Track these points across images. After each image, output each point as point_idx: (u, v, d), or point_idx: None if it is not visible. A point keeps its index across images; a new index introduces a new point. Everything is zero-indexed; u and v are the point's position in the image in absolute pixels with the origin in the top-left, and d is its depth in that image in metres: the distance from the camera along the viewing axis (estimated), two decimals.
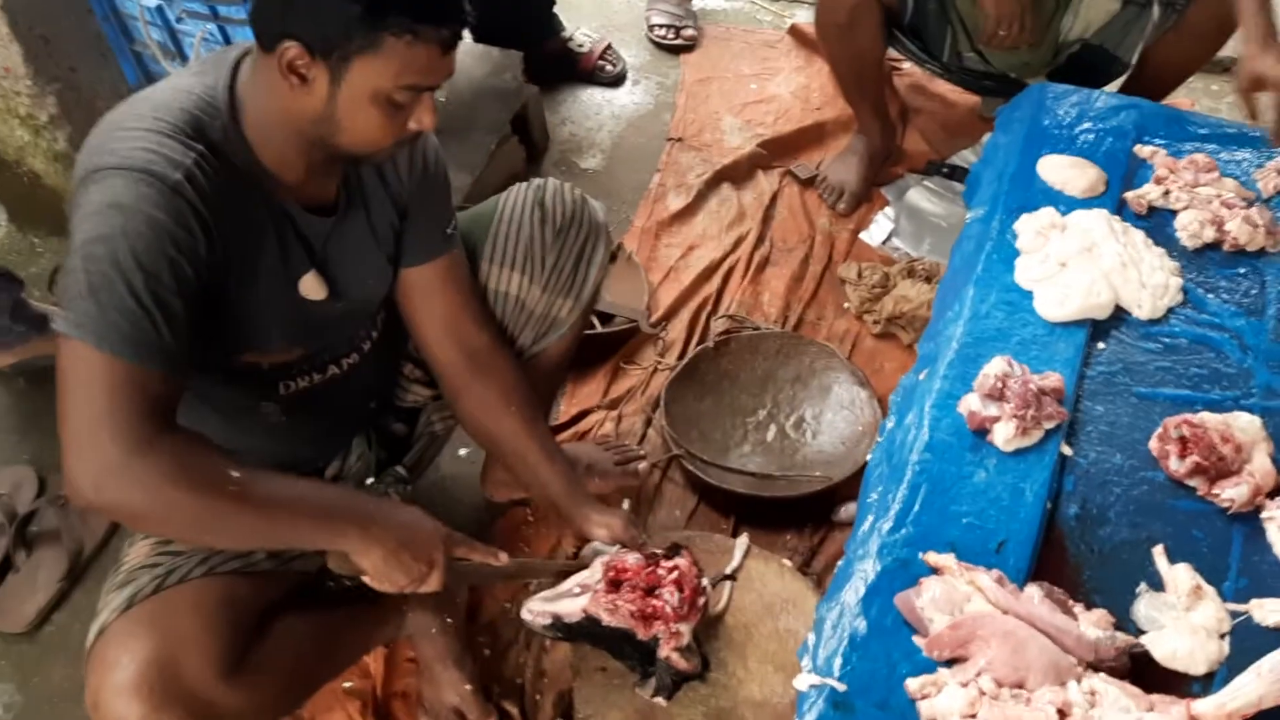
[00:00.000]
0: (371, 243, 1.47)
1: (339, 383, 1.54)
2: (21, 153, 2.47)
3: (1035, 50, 2.36)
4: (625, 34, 3.27)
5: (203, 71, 1.31)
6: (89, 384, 1.15)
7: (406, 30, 1.19)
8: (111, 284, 1.15)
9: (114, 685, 1.25)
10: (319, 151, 1.31)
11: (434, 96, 1.29)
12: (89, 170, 1.21)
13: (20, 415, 2.28)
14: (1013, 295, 1.70)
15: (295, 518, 1.27)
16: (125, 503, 1.16)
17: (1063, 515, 1.43)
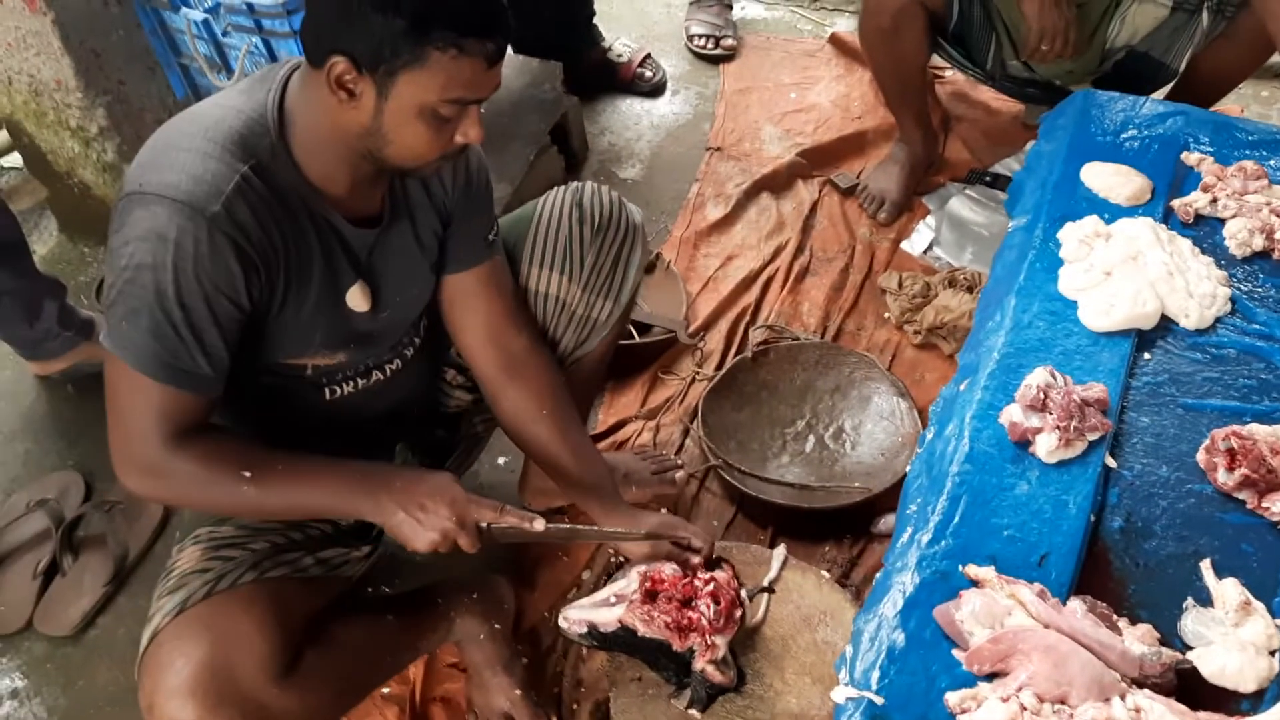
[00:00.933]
0: (416, 252, 1.49)
1: (382, 388, 1.56)
2: (72, 164, 2.52)
3: (1080, 58, 2.33)
4: (664, 44, 3.27)
5: (251, 89, 1.33)
6: (133, 399, 1.28)
7: (451, 44, 1.21)
8: (152, 313, 1.24)
9: (169, 688, 1.28)
10: (366, 164, 1.33)
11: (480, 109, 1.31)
12: (136, 188, 1.24)
13: (67, 421, 2.32)
14: (1056, 305, 1.68)
15: (311, 491, 1.36)
16: (162, 495, 1.43)
17: (1107, 528, 1.40)
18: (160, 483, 1.31)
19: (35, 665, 1.88)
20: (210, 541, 1.44)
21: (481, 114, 1.32)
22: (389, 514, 1.35)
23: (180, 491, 1.33)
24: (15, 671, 1.88)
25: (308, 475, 1.36)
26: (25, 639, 1.92)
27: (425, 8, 1.19)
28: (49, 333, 2.26)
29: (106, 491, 2.13)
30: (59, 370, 2.34)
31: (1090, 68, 2.39)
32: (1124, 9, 2.28)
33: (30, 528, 2.04)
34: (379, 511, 1.36)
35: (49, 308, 2.24)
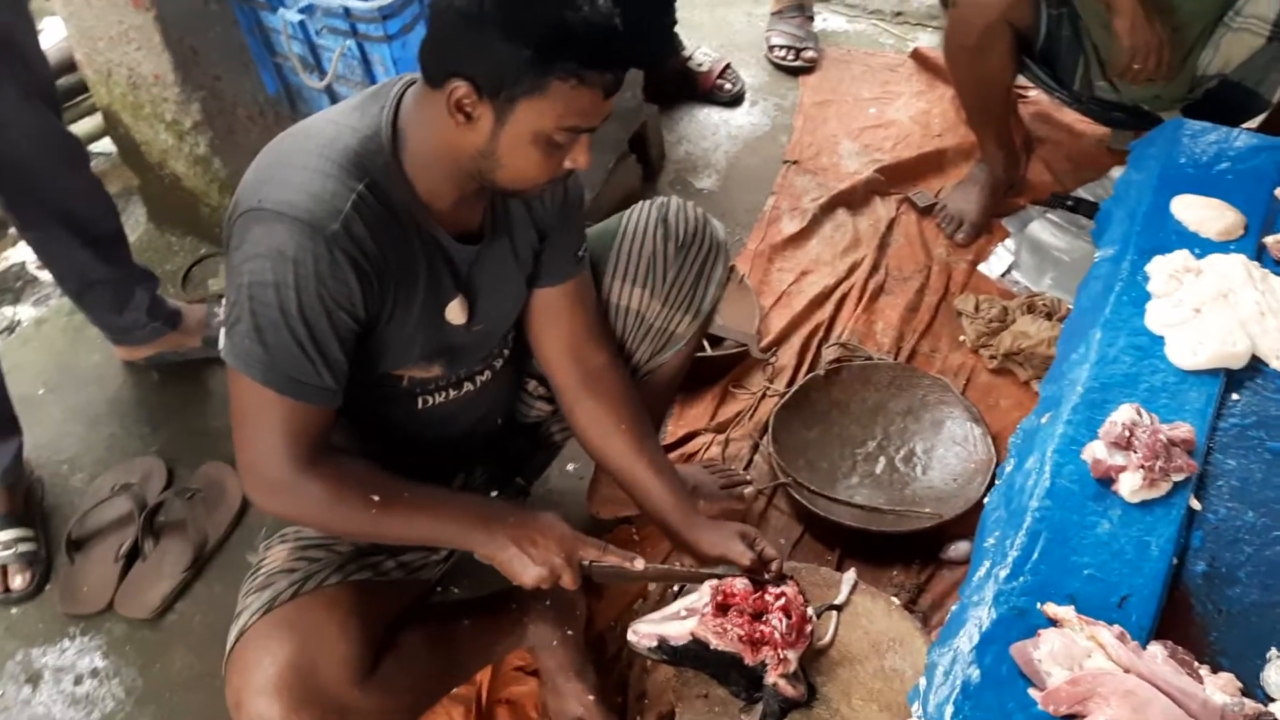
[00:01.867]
0: (513, 267, 1.52)
1: (472, 399, 1.60)
2: (165, 155, 2.58)
3: (1171, 83, 2.29)
4: (744, 54, 3.27)
5: (364, 106, 1.36)
6: (258, 415, 1.32)
7: (573, 75, 1.23)
8: (277, 330, 1.28)
9: (255, 686, 1.32)
10: (473, 183, 1.36)
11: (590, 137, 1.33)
12: (255, 205, 1.28)
13: (152, 408, 2.38)
14: (1143, 340, 1.65)
15: (429, 523, 1.41)
16: (289, 514, 1.40)
17: (1189, 572, 1.38)
18: (288, 500, 1.34)
19: (115, 646, 1.94)
20: (297, 541, 1.48)
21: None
22: (500, 548, 1.40)
23: (308, 511, 1.36)
24: (96, 651, 1.93)
25: (429, 507, 1.40)
26: (106, 620, 1.98)
27: (552, 39, 1.21)
28: (137, 321, 2.33)
29: (187, 478, 2.19)
30: (145, 356, 2.41)
31: (1180, 94, 2.35)
32: (1218, 36, 2.23)
33: (114, 511, 2.10)
34: (492, 545, 1.40)
35: (140, 297, 2.30)
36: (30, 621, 1.99)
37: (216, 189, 2.57)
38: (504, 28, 1.20)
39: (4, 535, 2.04)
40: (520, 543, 1.40)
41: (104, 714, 1.85)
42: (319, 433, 1.35)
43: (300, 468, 1.32)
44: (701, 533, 1.60)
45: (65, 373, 2.45)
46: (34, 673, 1.91)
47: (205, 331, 2.41)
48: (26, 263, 2.86)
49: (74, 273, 2.20)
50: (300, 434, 1.32)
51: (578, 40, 1.22)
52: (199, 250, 2.73)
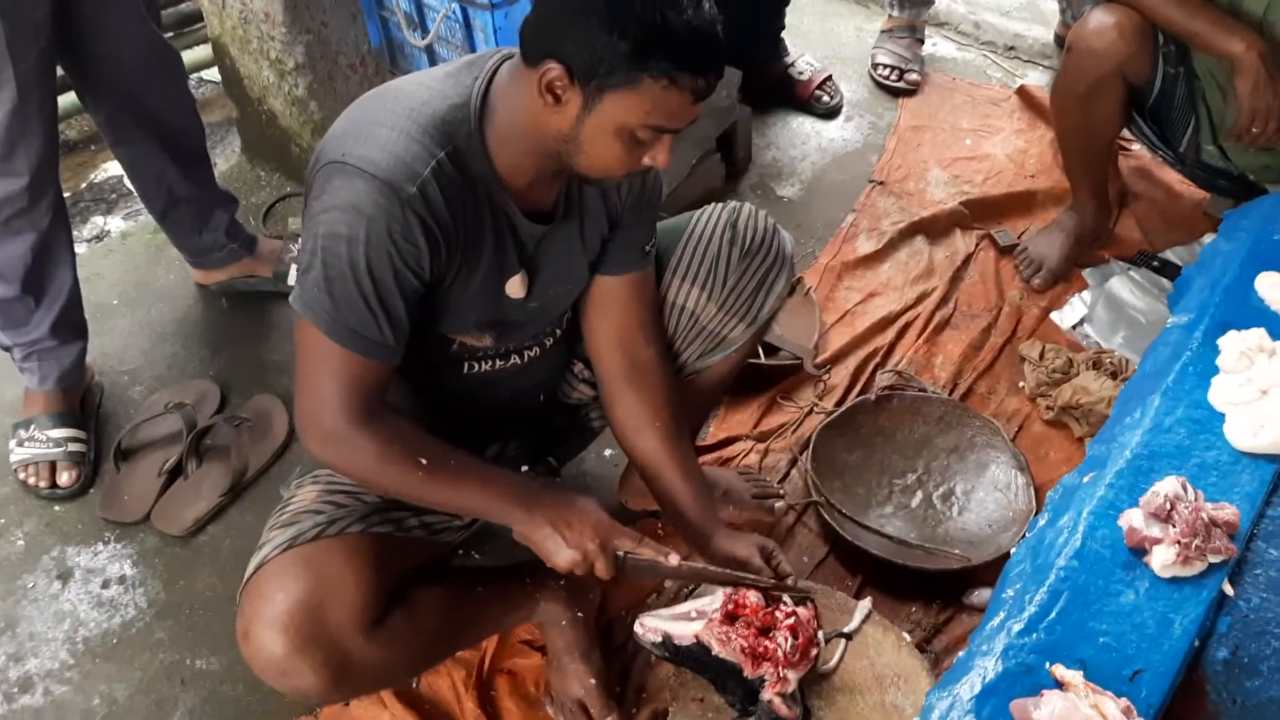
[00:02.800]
0: (579, 250, 1.53)
1: (517, 372, 1.62)
2: (265, 92, 2.64)
3: None
4: (847, 68, 3.24)
5: (459, 74, 1.38)
6: (319, 364, 1.35)
7: (666, 75, 1.24)
8: (345, 283, 1.30)
9: (265, 619, 1.35)
10: (552, 164, 1.37)
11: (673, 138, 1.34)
12: (338, 157, 1.30)
13: (215, 333, 2.44)
14: (1202, 414, 1.61)
15: (472, 493, 1.43)
16: (339, 465, 1.41)
17: (1210, 657, 1.35)
18: (340, 451, 1.36)
19: (145, 557, 2.00)
20: (328, 485, 1.50)
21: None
22: (537, 527, 1.41)
23: (356, 464, 1.38)
24: (127, 559, 2.00)
25: (473, 478, 1.42)
26: (140, 531, 2.04)
27: (652, 36, 1.22)
28: (215, 242, 2.39)
29: (238, 406, 2.24)
30: (218, 281, 2.48)
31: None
32: None
33: (164, 428, 2.16)
34: (530, 524, 1.41)
35: (219, 218, 2.37)
36: (70, 521, 2.06)
37: (309, 131, 2.62)
38: (607, 18, 1.21)
39: (57, 433, 2.11)
40: (558, 525, 1.40)
41: (124, 620, 1.91)
42: (375, 388, 1.37)
43: (354, 421, 1.34)
44: (720, 540, 1.59)
45: (140, 288, 2.53)
46: (66, 570, 1.98)
47: (277, 265, 2.47)
48: (123, 177, 2.95)
49: (161, 189, 2.27)
50: (357, 387, 1.34)
51: (676, 42, 1.23)
52: (284, 188, 2.79)
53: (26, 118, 1.84)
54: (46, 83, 1.90)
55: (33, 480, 2.08)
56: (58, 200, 2.02)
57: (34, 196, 1.93)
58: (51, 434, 2.11)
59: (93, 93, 2.13)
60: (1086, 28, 2.22)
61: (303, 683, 1.37)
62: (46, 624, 1.90)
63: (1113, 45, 2.18)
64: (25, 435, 2.11)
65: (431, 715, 1.74)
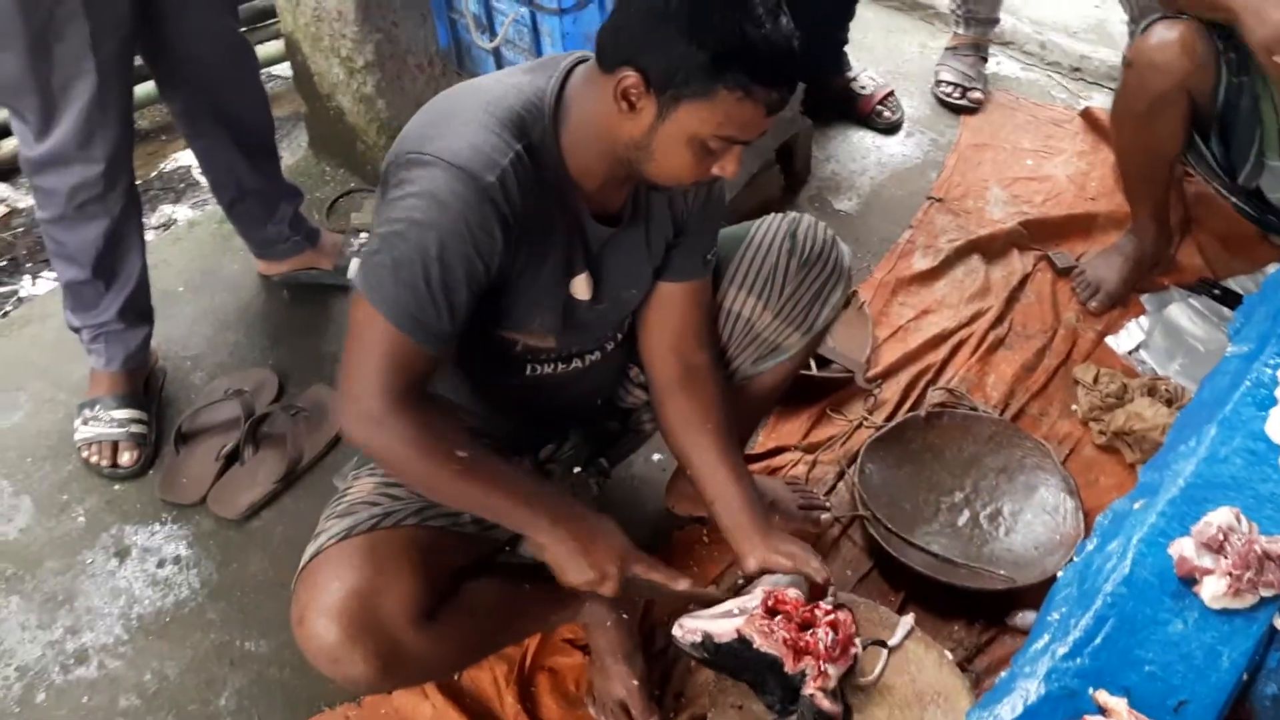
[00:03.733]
0: (644, 254, 1.55)
1: (578, 375, 1.63)
2: (334, 89, 2.70)
3: None
4: (910, 83, 3.23)
5: (534, 71, 1.41)
6: (372, 344, 1.33)
7: (741, 87, 1.25)
8: (413, 267, 1.30)
9: (320, 606, 1.38)
10: (622, 169, 1.39)
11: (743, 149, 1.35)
12: (416, 149, 1.32)
13: (276, 323, 2.50)
14: (1260, 446, 1.58)
15: (500, 498, 1.42)
16: (373, 447, 1.38)
17: (1258, 693, 1.33)
18: (373, 432, 1.34)
19: (200, 539, 2.05)
20: (384, 477, 1.53)
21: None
22: (557, 541, 1.42)
23: (390, 449, 1.36)
24: (182, 540, 2.05)
25: (503, 481, 1.42)
26: (196, 513, 2.09)
27: (730, 47, 1.23)
28: (280, 234, 2.44)
29: (295, 396, 2.29)
30: (281, 273, 2.53)
31: None
32: None
33: (223, 413, 2.21)
34: (551, 537, 1.42)
35: (284, 210, 2.42)
36: (129, 500, 2.12)
37: (376, 128, 2.67)
38: (686, 28, 1.23)
39: (121, 414, 2.17)
40: (580, 543, 1.42)
41: (178, 600, 1.95)
42: (420, 377, 1.36)
43: (393, 404, 1.32)
44: (773, 540, 1.60)
45: (206, 276, 2.59)
46: (123, 548, 2.03)
47: (339, 259, 2.52)
48: (191, 167, 3.03)
49: (231, 181, 2.32)
50: (403, 372, 1.33)
51: (754, 55, 1.24)
52: (349, 183, 2.84)
53: (105, 107, 1.90)
54: (125, 73, 1.96)
55: (95, 459, 2.14)
56: (130, 188, 2.08)
57: (109, 183, 1.99)
58: (115, 414, 2.16)
59: (170, 84, 2.19)
60: (1149, 42, 2.18)
61: (353, 671, 1.39)
62: (103, 599, 1.95)
63: (1176, 59, 2.15)
64: (90, 415, 2.17)
65: (472, 708, 1.77)
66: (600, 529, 1.45)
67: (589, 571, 1.42)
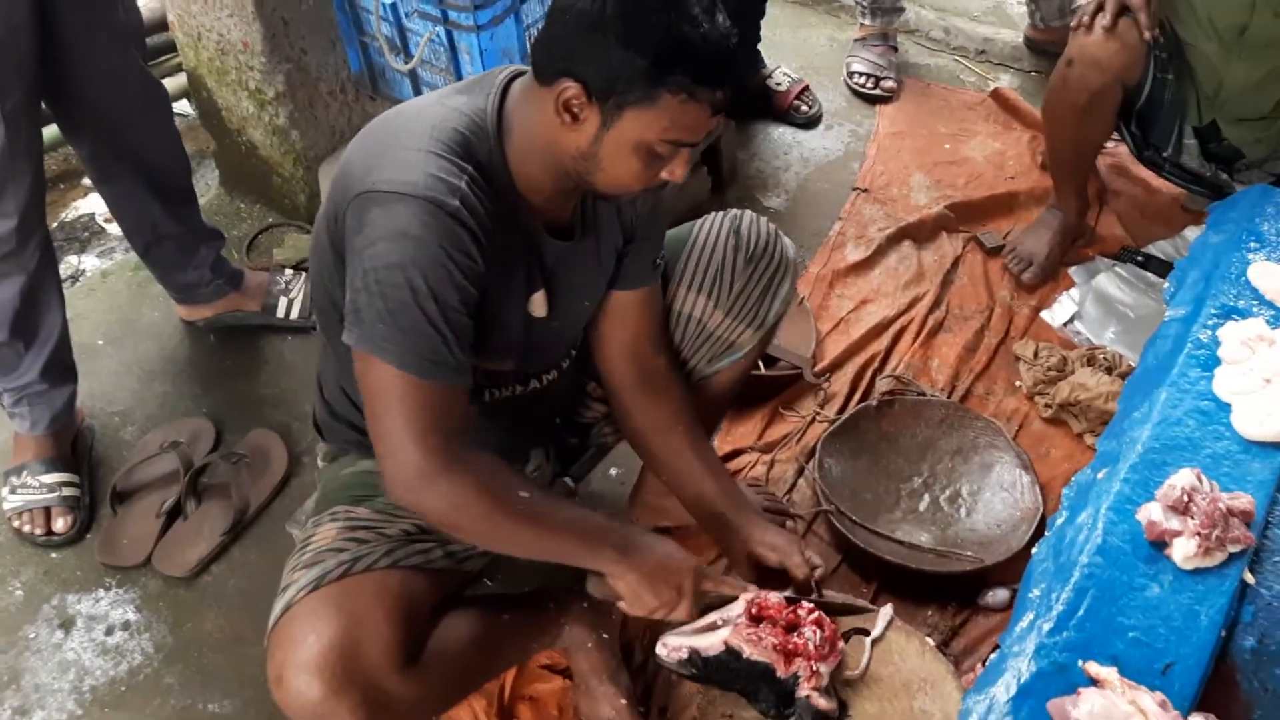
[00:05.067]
0: (596, 267, 1.53)
1: (536, 396, 1.61)
2: (244, 123, 2.62)
3: (1271, 125, 2.24)
4: (823, 77, 3.26)
5: (470, 91, 1.37)
6: (397, 401, 1.28)
7: (684, 89, 1.23)
8: (410, 311, 1.25)
9: (298, 662, 1.32)
10: (569, 181, 1.37)
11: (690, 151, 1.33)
12: (369, 189, 1.28)
13: (205, 369, 2.41)
14: (1209, 405, 1.62)
15: (565, 537, 1.40)
16: (433, 510, 1.33)
17: (1237, 647, 1.35)
18: (433, 495, 1.29)
19: (148, 601, 1.96)
20: (347, 521, 1.48)
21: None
22: (629, 571, 1.40)
23: (454, 506, 1.30)
24: (130, 604, 1.96)
25: (564, 521, 1.40)
26: (142, 574, 2.00)
27: (669, 51, 1.22)
28: (201, 279, 2.36)
29: (235, 444, 2.21)
30: (204, 318, 2.44)
31: (1274, 144, 2.30)
32: None
33: (160, 468, 2.12)
34: (621, 568, 1.40)
35: (205, 254, 2.34)
36: (69, 568, 2.02)
37: (291, 160, 2.60)
38: (623, 36, 1.21)
39: (50, 478, 2.07)
40: (650, 570, 1.40)
41: (132, 667, 1.87)
42: (455, 418, 1.32)
43: (442, 460, 1.28)
44: (757, 531, 1.60)
45: (125, 326, 2.49)
46: (67, 618, 1.94)
47: (265, 298, 2.44)
48: (95, 214, 2.92)
49: (145, 226, 2.24)
50: (438, 419, 1.28)
51: (694, 56, 1.22)
52: (266, 219, 2.76)
53: (15, 157, 1.82)
54: (33, 120, 1.88)
55: (28, 528, 2.04)
56: (45, 241, 2.00)
57: (22, 238, 1.90)
58: (44, 479, 2.07)
59: (77, 128, 2.10)
60: (1090, 39, 2.24)
61: None
62: (51, 675, 1.86)
63: (1116, 55, 2.22)
64: (17, 482, 2.07)
65: None
66: (666, 551, 1.43)
67: (665, 595, 1.40)
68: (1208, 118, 2.30)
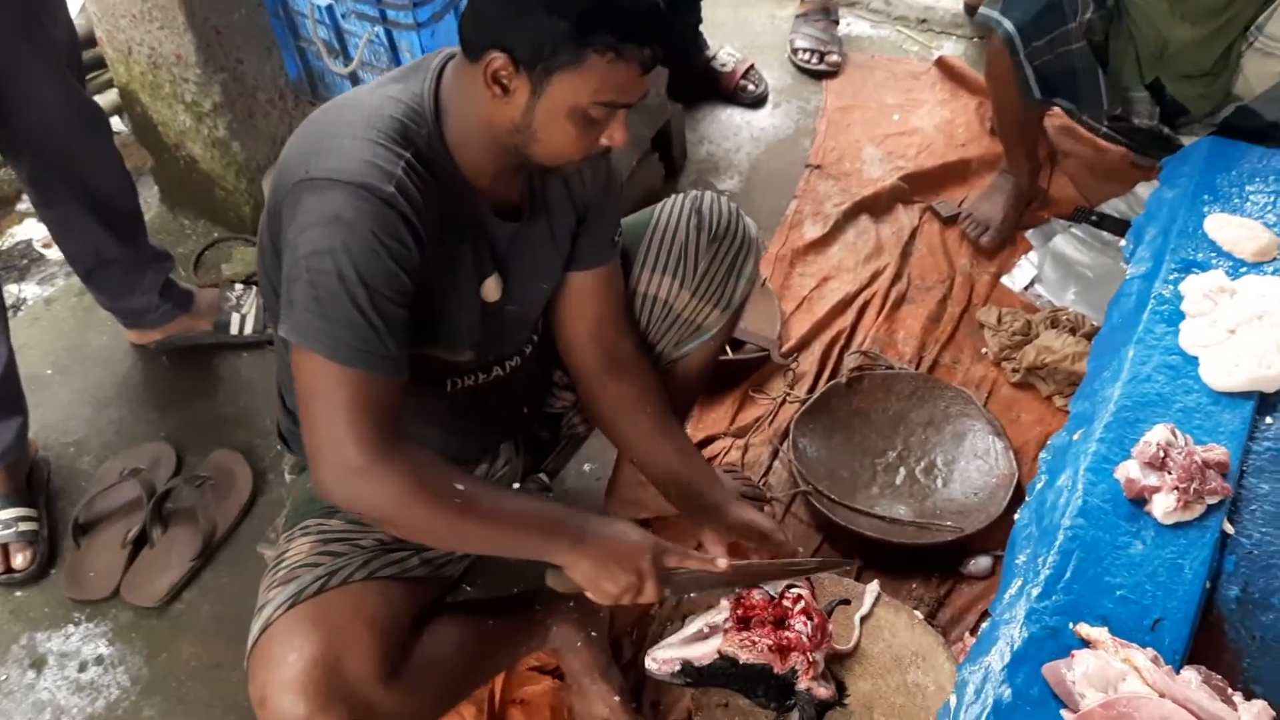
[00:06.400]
0: (550, 248, 1.51)
1: (500, 384, 1.58)
2: (182, 137, 2.55)
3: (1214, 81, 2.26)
4: (768, 55, 3.24)
5: (406, 78, 1.35)
6: (327, 393, 1.24)
7: (611, 49, 1.22)
8: (338, 298, 1.22)
9: (280, 682, 1.29)
10: (511, 159, 1.35)
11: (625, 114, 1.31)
12: (303, 177, 1.25)
13: (160, 392, 2.35)
14: (1176, 360, 1.63)
15: (513, 529, 1.35)
16: (368, 505, 1.28)
17: (1222, 597, 1.37)
18: (364, 490, 1.25)
19: (121, 633, 1.91)
20: (320, 534, 1.45)
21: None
22: (584, 558, 1.36)
23: (385, 502, 1.26)
24: (101, 638, 1.91)
25: (510, 512, 1.35)
26: (112, 607, 1.95)
27: (591, 11, 1.20)
28: (150, 304, 2.30)
29: (197, 466, 2.16)
30: (154, 340, 2.38)
31: (1218, 99, 2.32)
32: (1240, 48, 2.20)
33: (122, 496, 2.07)
34: (576, 556, 1.36)
35: (152, 278, 2.28)
36: (35, 605, 1.97)
37: (234, 172, 2.54)
38: (544, 0, 1.19)
39: (4, 514, 2.01)
40: (607, 554, 1.36)
41: (109, 702, 1.82)
42: (389, 411, 1.27)
43: (374, 453, 1.24)
44: (734, 510, 1.58)
45: (73, 354, 2.42)
46: (38, 657, 1.89)
47: (217, 316, 2.39)
48: (33, 240, 2.83)
49: (88, 251, 2.18)
50: (371, 411, 1.24)
51: (617, 14, 1.21)
52: (212, 234, 2.70)
53: None
54: None
55: None
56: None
57: None
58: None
59: (14, 151, 2.04)
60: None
61: None
62: (26, 717, 1.80)
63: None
64: None
65: None
66: (620, 531, 1.39)
67: (625, 577, 1.36)
68: (1150, 76, 2.31)
